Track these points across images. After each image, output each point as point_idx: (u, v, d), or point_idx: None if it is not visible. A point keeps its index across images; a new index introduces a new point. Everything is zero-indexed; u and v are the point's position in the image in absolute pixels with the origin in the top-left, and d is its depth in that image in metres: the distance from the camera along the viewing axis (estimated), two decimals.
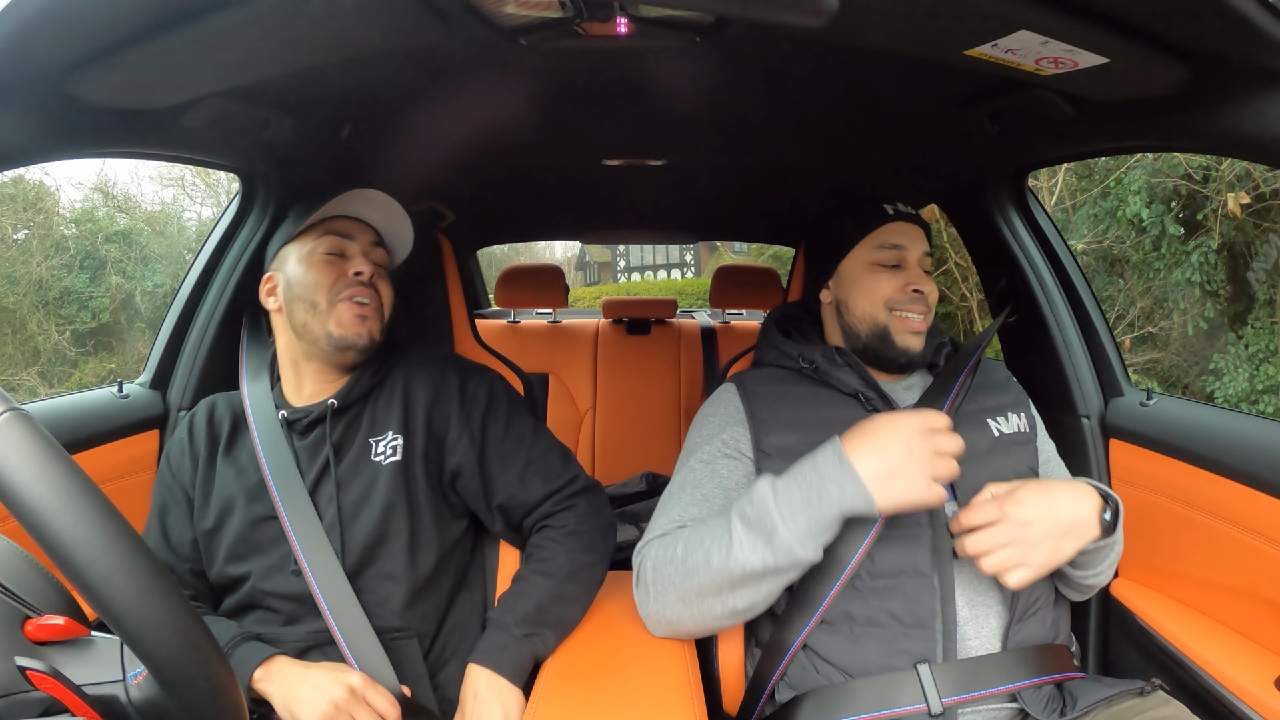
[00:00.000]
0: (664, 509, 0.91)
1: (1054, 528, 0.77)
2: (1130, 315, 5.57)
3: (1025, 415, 0.99)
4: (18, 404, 0.44)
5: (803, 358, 0.98)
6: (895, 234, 0.99)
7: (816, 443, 0.85)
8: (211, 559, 0.92)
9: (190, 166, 7.14)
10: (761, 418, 0.94)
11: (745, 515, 0.77)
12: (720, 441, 0.94)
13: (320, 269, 0.92)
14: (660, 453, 2.10)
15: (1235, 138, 0.71)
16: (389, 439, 0.93)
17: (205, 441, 0.96)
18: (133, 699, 0.49)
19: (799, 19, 0.61)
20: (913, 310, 0.96)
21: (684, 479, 0.93)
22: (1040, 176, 5.48)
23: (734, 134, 1.32)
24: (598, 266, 19.20)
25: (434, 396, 0.96)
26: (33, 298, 6.87)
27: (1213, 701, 0.88)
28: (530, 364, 1.99)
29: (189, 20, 0.64)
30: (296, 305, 0.93)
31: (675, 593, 0.81)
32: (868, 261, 0.99)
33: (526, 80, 1.03)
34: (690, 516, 0.88)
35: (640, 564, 0.86)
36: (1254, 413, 1.73)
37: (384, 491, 0.91)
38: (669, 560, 0.82)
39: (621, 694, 0.78)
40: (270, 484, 0.90)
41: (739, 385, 1.00)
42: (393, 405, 0.95)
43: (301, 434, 0.94)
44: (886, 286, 0.97)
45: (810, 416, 0.93)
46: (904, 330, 0.96)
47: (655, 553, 0.84)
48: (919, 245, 0.99)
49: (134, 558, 0.44)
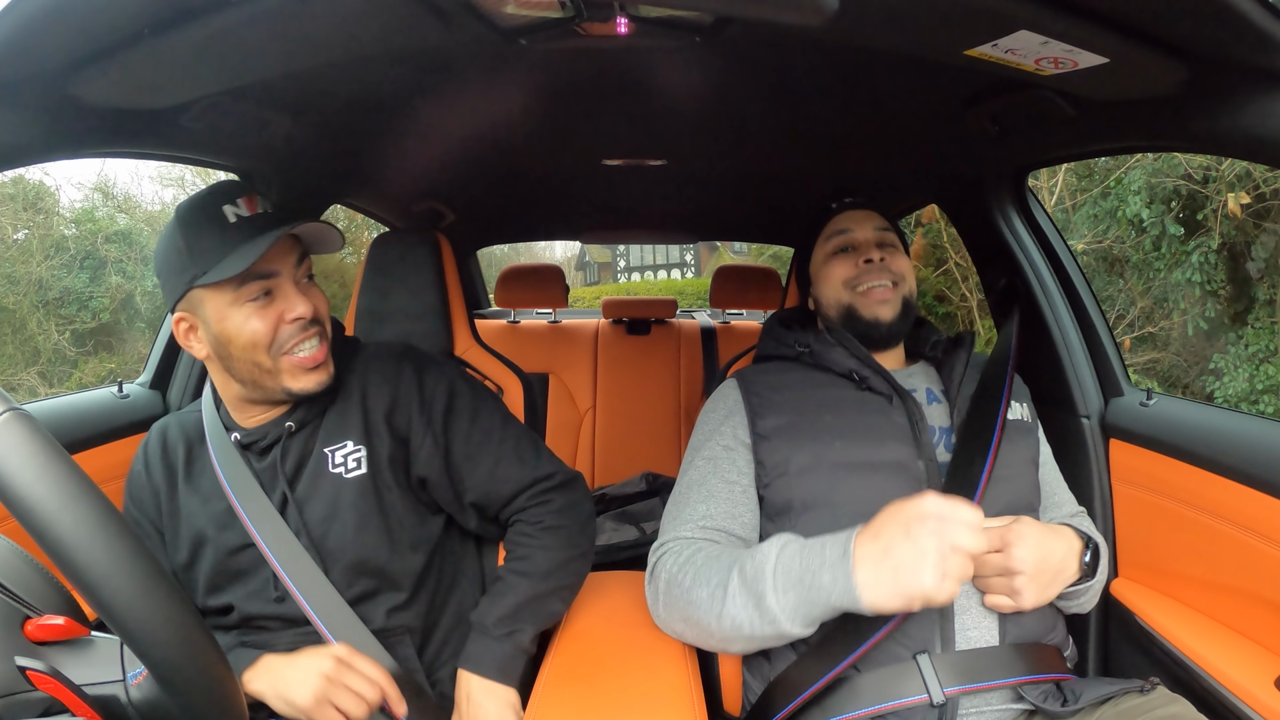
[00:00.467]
0: (676, 509, 0.92)
1: (1044, 572, 0.80)
2: (1130, 315, 5.57)
3: (1027, 405, 1.01)
4: (18, 404, 0.44)
5: (799, 343, 1.02)
6: (841, 221, 1.06)
7: (808, 423, 0.92)
8: (190, 592, 0.89)
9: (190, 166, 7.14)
10: (756, 403, 0.96)
11: (744, 571, 0.77)
12: (721, 435, 0.95)
13: (253, 319, 0.80)
14: (660, 453, 2.10)
15: (1235, 138, 0.71)
16: (349, 449, 0.88)
17: (162, 471, 0.90)
18: (133, 699, 0.50)
19: (799, 19, 0.61)
20: (873, 280, 0.99)
21: (691, 478, 0.94)
22: (1040, 176, 5.47)
23: (734, 134, 1.32)
24: (598, 266, 19.20)
25: (392, 399, 0.91)
26: (33, 298, 6.87)
27: (1213, 701, 0.88)
28: (530, 364, 1.99)
29: (189, 20, 0.64)
30: (235, 363, 0.83)
31: (679, 614, 0.83)
32: (824, 254, 1.07)
33: (526, 80, 1.03)
34: (700, 515, 0.89)
35: (655, 566, 0.87)
36: (1254, 413, 1.73)
37: (352, 507, 0.87)
38: (678, 583, 0.82)
39: (621, 695, 0.78)
40: (239, 511, 0.85)
41: (739, 378, 1.02)
42: (349, 413, 0.90)
43: (259, 455, 0.89)
44: (841, 268, 1.03)
45: (803, 397, 0.96)
46: (869, 302, 0.99)
47: (670, 564, 0.85)
48: (867, 224, 1.05)
49: (134, 558, 0.44)
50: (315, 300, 0.85)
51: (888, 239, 1.04)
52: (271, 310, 0.81)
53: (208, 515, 0.87)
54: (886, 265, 1.00)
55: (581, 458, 2.11)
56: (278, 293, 0.82)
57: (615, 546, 1.66)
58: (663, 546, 0.88)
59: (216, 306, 0.80)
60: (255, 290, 0.80)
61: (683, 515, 0.90)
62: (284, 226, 0.80)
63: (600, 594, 1.00)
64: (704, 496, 0.91)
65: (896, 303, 1.00)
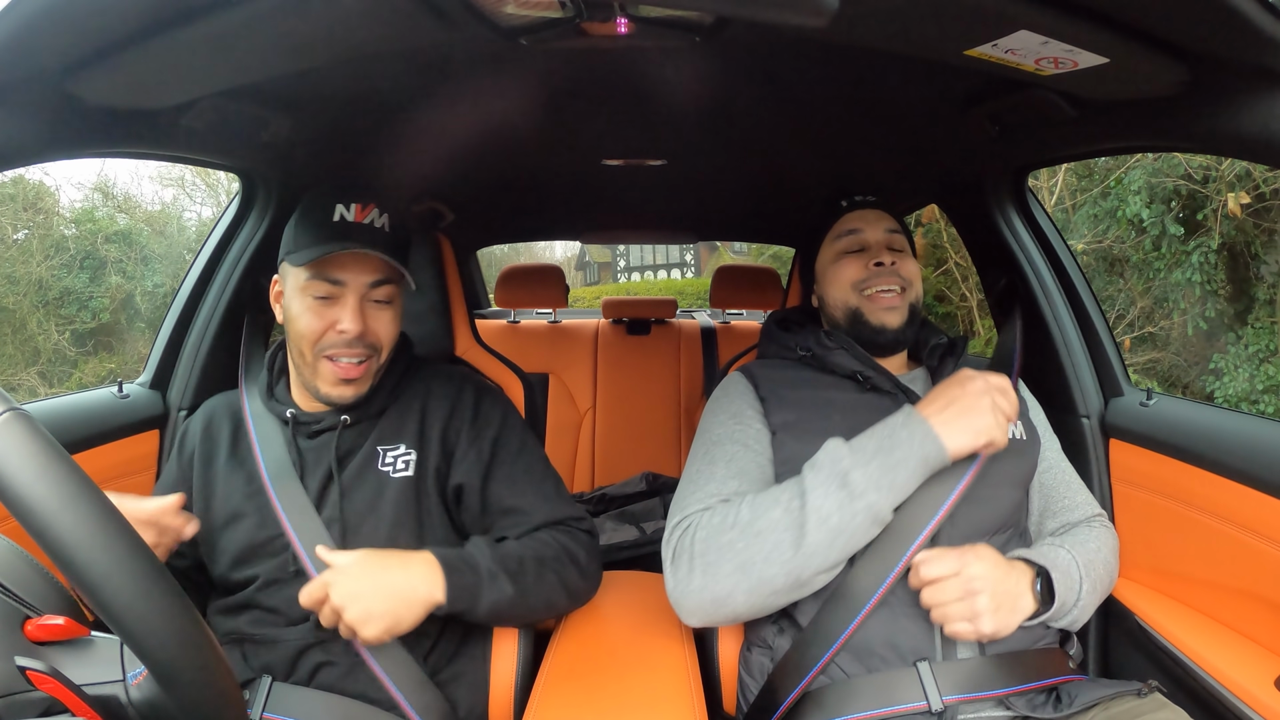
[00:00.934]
0: (696, 484, 0.88)
1: (1002, 595, 0.79)
2: (1130, 315, 5.57)
3: (1023, 422, 0.98)
4: (18, 404, 0.44)
5: (800, 346, 1.01)
6: (852, 221, 1.03)
7: (817, 421, 0.91)
8: (214, 561, 0.91)
9: (190, 166, 7.14)
10: (764, 396, 0.96)
11: (817, 464, 0.79)
12: (739, 415, 0.95)
13: (308, 314, 0.87)
14: (660, 453, 2.10)
15: (1235, 138, 0.71)
16: (401, 451, 0.92)
17: (201, 447, 0.95)
18: (133, 699, 0.50)
19: (799, 19, 0.61)
20: (881, 284, 0.98)
21: (713, 454, 0.90)
22: (1040, 176, 5.48)
23: (734, 134, 1.32)
24: (598, 266, 19.20)
25: (449, 412, 0.95)
26: (33, 298, 6.87)
27: (1213, 701, 0.88)
28: (530, 364, 1.99)
29: (189, 20, 0.64)
30: (290, 341, 0.91)
31: (734, 561, 0.77)
32: (833, 253, 1.04)
33: (526, 80, 1.03)
34: (730, 490, 0.85)
35: (682, 540, 0.82)
36: (1254, 413, 1.73)
37: (392, 504, 0.89)
38: (731, 525, 0.78)
39: (621, 694, 0.78)
40: (271, 494, 0.88)
41: (745, 373, 1.02)
42: (407, 419, 0.94)
43: (309, 436, 0.93)
44: (849, 270, 1.00)
45: (811, 396, 0.95)
46: (876, 308, 0.98)
47: (709, 521, 0.81)
48: (878, 225, 1.02)
49: (134, 558, 0.44)
50: (375, 324, 0.89)
51: (898, 242, 1.02)
52: (328, 314, 0.87)
53: (248, 493, 0.91)
54: (896, 269, 0.98)
55: (581, 458, 2.11)
56: (339, 302, 0.87)
57: (615, 546, 1.66)
58: (686, 519, 0.83)
59: (292, 285, 0.88)
60: (320, 289, 0.86)
61: (709, 488, 0.86)
62: (357, 244, 0.85)
63: (600, 594, 1.00)
64: (734, 472, 0.87)
65: (904, 309, 0.98)
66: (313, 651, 0.86)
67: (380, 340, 0.90)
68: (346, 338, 0.86)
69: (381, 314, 0.90)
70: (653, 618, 0.96)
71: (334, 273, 0.86)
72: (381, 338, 0.90)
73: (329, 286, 0.86)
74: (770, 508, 0.78)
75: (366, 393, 0.92)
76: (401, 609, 0.78)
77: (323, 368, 0.88)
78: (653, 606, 0.98)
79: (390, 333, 0.92)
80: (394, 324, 0.93)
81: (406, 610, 0.78)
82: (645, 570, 1.12)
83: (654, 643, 0.86)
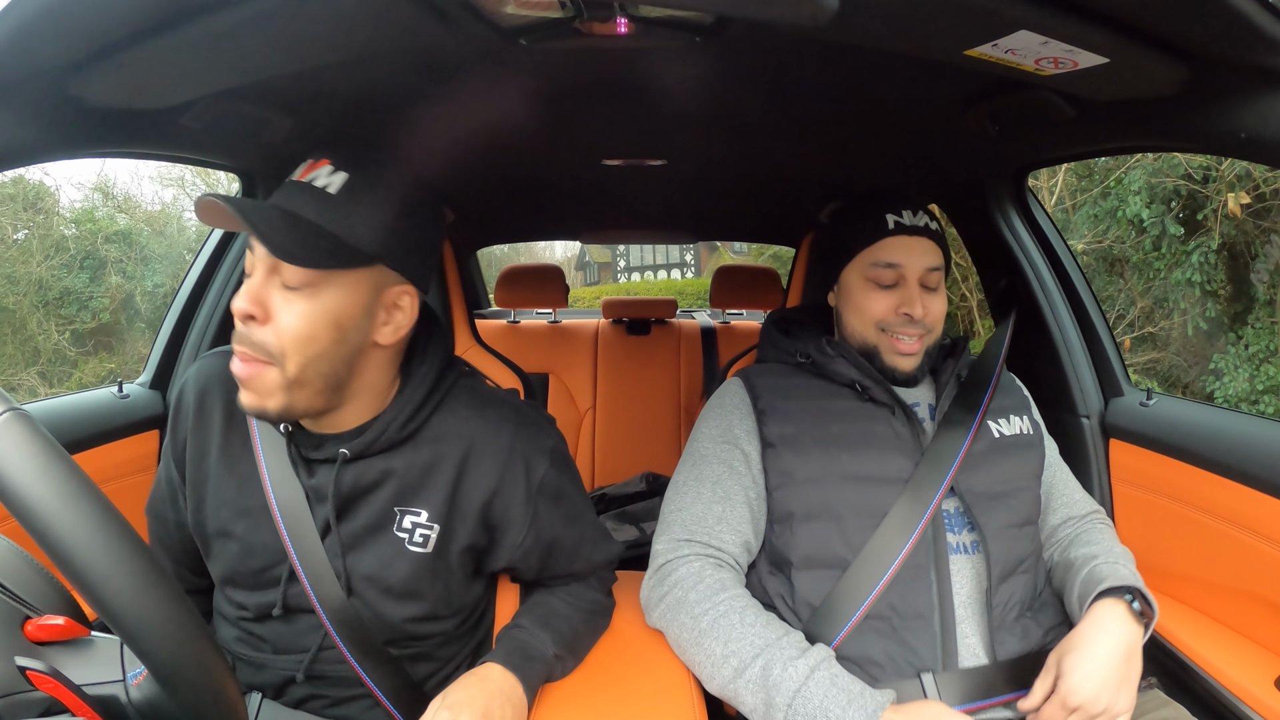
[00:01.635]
0: (683, 500, 0.91)
1: (1113, 675, 0.75)
2: (1130, 315, 5.57)
3: (1028, 418, 0.98)
4: (18, 404, 0.44)
5: (800, 353, 0.98)
6: (893, 250, 0.93)
7: (815, 433, 0.90)
8: (211, 564, 0.83)
9: (190, 166, 7.14)
10: (763, 408, 0.94)
11: (769, 672, 0.74)
12: (728, 435, 0.94)
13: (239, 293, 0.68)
14: (660, 453, 2.10)
15: (1235, 138, 0.71)
16: (422, 521, 0.77)
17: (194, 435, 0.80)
18: (133, 699, 0.50)
19: (799, 19, 0.61)
20: (904, 332, 0.93)
21: (700, 471, 0.92)
22: (1040, 176, 5.47)
23: (734, 134, 1.31)
24: (598, 266, 19.20)
25: (495, 489, 0.78)
26: (33, 298, 6.87)
27: (1212, 701, 0.88)
28: (530, 364, 1.99)
29: (189, 20, 0.64)
30: None
31: (674, 635, 0.84)
32: (863, 277, 0.95)
33: (526, 80, 1.03)
34: (711, 517, 0.88)
35: (665, 569, 0.87)
36: (1254, 413, 1.73)
37: (403, 580, 0.77)
38: (688, 610, 0.82)
39: (622, 695, 0.78)
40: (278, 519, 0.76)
41: (744, 380, 1.00)
42: (436, 481, 0.77)
43: (306, 466, 0.77)
44: (878, 307, 0.93)
45: (808, 406, 0.93)
46: (892, 351, 0.93)
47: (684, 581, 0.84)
48: (921, 260, 0.93)
49: (134, 558, 0.44)
50: (279, 313, 0.66)
51: (935, 279, 0.94)
52: (241, 291, 0.68)
53: (239, 510, 0.77)
54: (923, 319, 0.92)
55: (581, 458, 2.11)
56: (248, 272, 0.70)
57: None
58: (671, 562, 0.86)
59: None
60: (246, 260, 0.70)
61: (694, 508, 0.89)
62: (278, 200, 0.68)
63: None
64: (714, 480, 0.90)
65: (919, 355, 0.94)
66: (300, 685, 0.80)
67: (279, 341, 0.67)
68: (241, 314, 0.68)
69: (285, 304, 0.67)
70: None
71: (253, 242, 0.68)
72: (282, 338, 0.67)
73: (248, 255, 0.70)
74: (717, 641, 0.78)
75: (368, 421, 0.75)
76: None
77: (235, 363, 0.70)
78: None
79: (296, 337, 0.67)
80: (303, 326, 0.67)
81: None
82: (645, 570, 1.12)
83: (654, 643, 0.86)
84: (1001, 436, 0.93)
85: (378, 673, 0.78)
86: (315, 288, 0.67)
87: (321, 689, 0.80)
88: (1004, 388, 1.00)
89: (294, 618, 0.78)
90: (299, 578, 0.75)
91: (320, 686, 0.80)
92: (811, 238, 2.19)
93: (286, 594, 0.76)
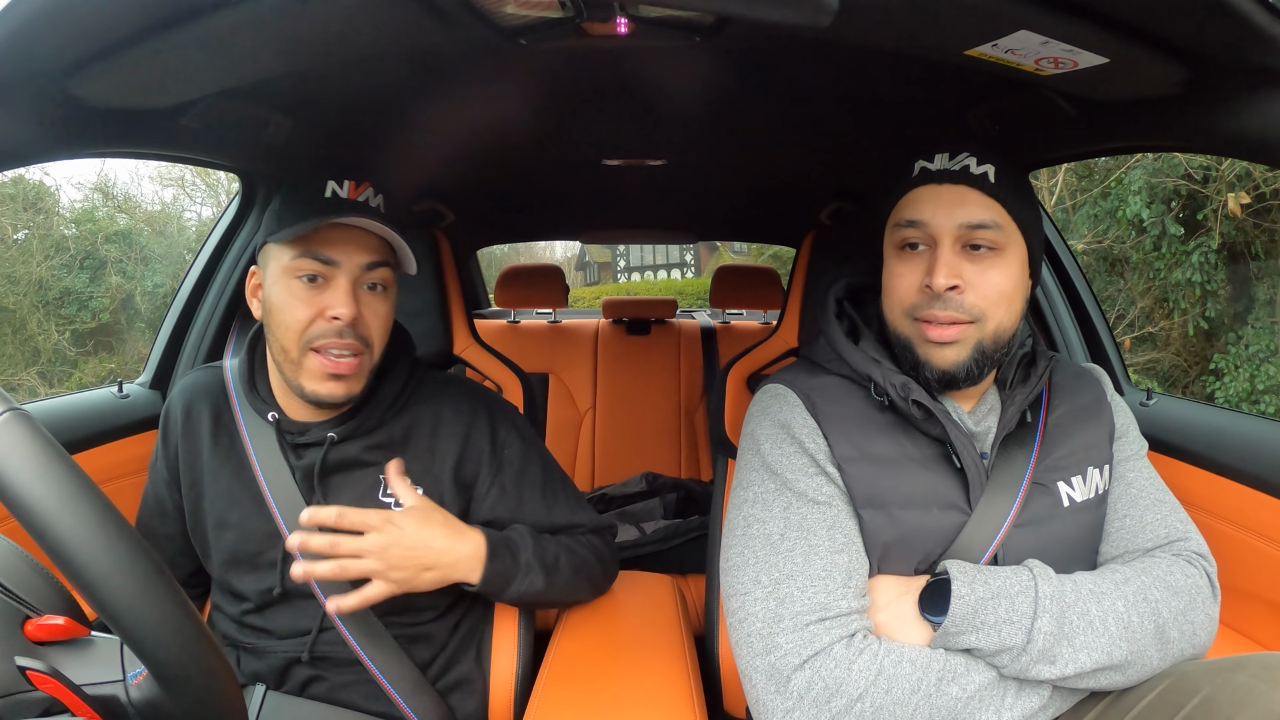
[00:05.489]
0: (793, 563, 0.67)
1: None
2: (1130, 315, 5.57)
3: (1109, 468, 0.77)
4: (18, 404, 0.44)
5: (875, 388, 0.74)
6: (919, 204, 0.72)
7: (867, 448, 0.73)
8: (209, 562, 0.88)
9: (190, 166, 7.14)
10: (824, 425, 0.74)
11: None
12: (809, 466, 0.72)
13: (293, 299, 0.76)
14: (660, 453, 2.10)
15: (1235, 138, 0.71)
16: None
17: (184, 441, 0.88)
18: (133, 699, 0.50)
19: (799, 19, 0.61)
20: (932, 314, 0.70)
21: (807, 518, 0.69)
22: (1040, 176, 5.47)
23: (734, 134, 1.32)
24: (598, 266, 19.20)
25: (462, 449, 0.87)
26: (33, 298, 6.87)
27: None
28: (530, 364, 1.99)
29: (189, 20, 0.64)
30: (272, 336, 0.80)
31: None
32: (891, 245, 0.75)
33: (526, 80, 1.03)
34: (848, 593, 0.65)
35: (813, 672, 0.62)
36: (1254, 413, 1.73)
37: None
38: (870, 698, 0.60)
39: (622, 693, 0.78)
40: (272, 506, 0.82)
41: (794, 389, 0.78)
42: (411, 450, 0.85)
43: (295, 451, 0.84)
44: (904, 283, 0.72)
45: (889, 451, 0.73)
46: (923, 339, 0.71)
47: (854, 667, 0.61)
48: (955, 215, 0.70)
49: (134, 558, 0.44)
50: (368, 312, 0.79)
51: (983, 237, 0.70)
52: (317, 299, 0.77)
53: (234, 499, 0.84)
54: (961, 298, 0.69)
55: (581, 458, 2.11)
56: (330, 284, 0.77)
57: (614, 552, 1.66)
58: (819, 651, 0.62)
59: (275, 268, 0.78)
60: (308, 268, 0.77)
61: (815, 565, 0.66)
62: (359, 215, 0.76)
63: None
64: (828, 525, 0.69)
65: (961, 345, 0.70)
66: (302, 667, 0.83)
67: (371, 334, 0.80)
68: (338, 325, 0.76)
69: (375, 303, 0.80)
70: (652, 618, 0.95)
71: (325, 250, 0.76)
72: (373, 331, 0.80)
73: (318, 266, 0.76)
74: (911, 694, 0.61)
75: (359, 398, 0.82)
76: (427, 576, 0.76)
77: (310, 362, 0.78)
78: (652, 606, 0.98)
79: (383, 327, 0.82)
80: (387, 317, 0.83)
81: (432, 580, 0.76)
82: (645, 570, 1.12)
83: (654, 643, 0.86)
84: (1071, 504, 0.72)
85: (378, 655, 0.82)
86: (389, 289, 0.83)
87: (324, 670, 0.83)
88: (1088, 413, 0.78)
89: (293, 600, 0.83)
90: (294, 556, 0.78)
91: (323, 668, 0.83)
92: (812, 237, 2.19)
93: (284, 574, 0.81)
